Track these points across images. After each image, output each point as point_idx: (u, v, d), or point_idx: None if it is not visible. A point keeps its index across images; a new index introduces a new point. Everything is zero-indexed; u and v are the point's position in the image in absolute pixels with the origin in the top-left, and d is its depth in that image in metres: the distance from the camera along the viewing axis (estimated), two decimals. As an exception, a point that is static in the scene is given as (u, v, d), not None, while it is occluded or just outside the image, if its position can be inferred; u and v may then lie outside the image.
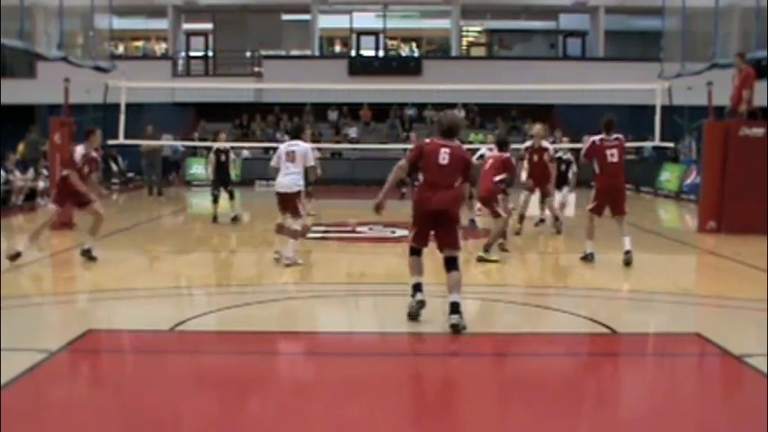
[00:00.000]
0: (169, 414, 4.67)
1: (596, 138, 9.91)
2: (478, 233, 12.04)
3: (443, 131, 6.93)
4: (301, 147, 9.79)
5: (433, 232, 6.79)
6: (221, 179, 14.37)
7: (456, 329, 6.34)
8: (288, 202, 9.73)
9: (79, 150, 10.10)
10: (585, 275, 9.35)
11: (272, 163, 9.93)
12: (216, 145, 14.66)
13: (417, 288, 6.84)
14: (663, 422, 4.58)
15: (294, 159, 9.67)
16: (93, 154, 10.25)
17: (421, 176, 6.90)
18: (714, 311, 7.64)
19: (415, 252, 6.92)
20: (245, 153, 26.10)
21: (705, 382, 5.62)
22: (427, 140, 7.00)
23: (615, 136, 9.88)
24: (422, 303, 6.75)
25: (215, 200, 14.27)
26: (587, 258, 9.87)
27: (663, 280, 8.99)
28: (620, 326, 6.69)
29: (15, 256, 9.36)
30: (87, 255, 9.83)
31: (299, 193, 9.73)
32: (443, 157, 6.70)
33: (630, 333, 6.66)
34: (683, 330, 6.79)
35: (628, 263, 9.56)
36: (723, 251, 11.15)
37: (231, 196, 14.28)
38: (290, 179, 9.66)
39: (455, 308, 6.42)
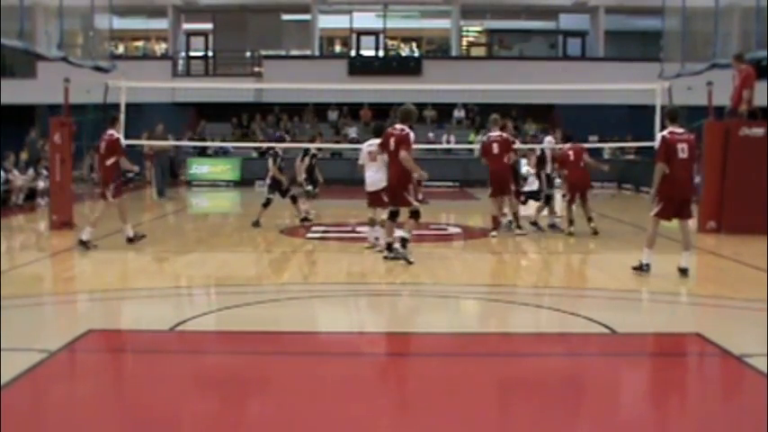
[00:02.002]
0: (169, 414, 4.67)
1: (665, 132, 8.91)
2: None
3: (400, 119, 9.79)
4: (361, 155, 10.56)
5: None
6: (312, 180, 14.49)
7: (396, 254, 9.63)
8: (375, 199, 10.53)
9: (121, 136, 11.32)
10: (585, 275, 9.35)
11: (360, 161, 10.75)
12: (313, 146, 14.98)
13: (389, 247, 9.82)
14: (663, 422, 4.58)
15: (375, 159, 10.42)
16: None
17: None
18: (714, 311, 7.64)
19: (391, 215, 9.87)
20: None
21: (705, 382, 5.62)
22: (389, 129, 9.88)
23: (682, 129, 8.98)
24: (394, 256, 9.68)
25: (294, 200, 14.01)
26: (643, 269, 8.91)
27: (663, 280, 8.98)
28: (620, 326, 6.69)
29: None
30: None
31: (384, 189, 10.25)
32: (391, 144, 9.62)
33: (630, 333, 6.66)
34: (683, 330, 6.79)
35: (684, 274, 8.84)
36: (723, 251, 11.15)
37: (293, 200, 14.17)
38: (375, 178, 10.42)
39: (404, 242, 9.70)
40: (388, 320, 7.33)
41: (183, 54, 32.55)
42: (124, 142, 13.86)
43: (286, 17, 33.03)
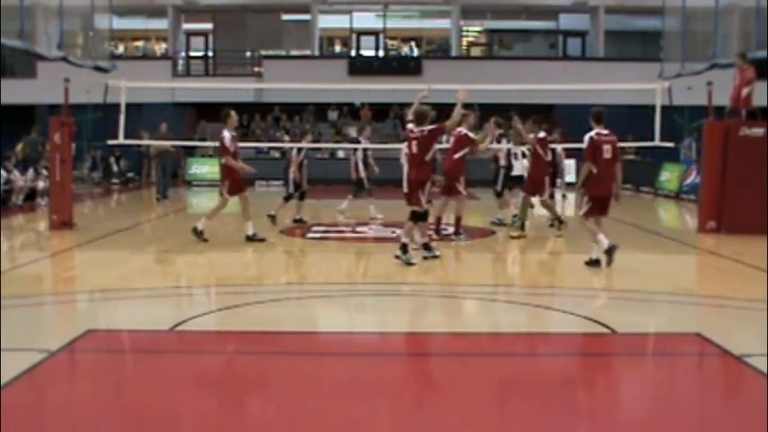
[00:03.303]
0: (169, 414, 4.67)
1: (592, 133, 9.43)
2: None
3: (416, 120, 9.91)
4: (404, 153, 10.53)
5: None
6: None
7: (398, 257, 9.51)
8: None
9: (227, 135, 11.50)
10: (585, 275, 9.34)
11: (401, 160, 10.96)
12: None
13: (426, 246, 9.96)
14: (663, 422, 4.58)
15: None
16: (234, 134, 11.80)
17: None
18: (714, 311, 7.64)
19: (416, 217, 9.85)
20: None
21: (705, 382, 5.62)
22: (409, 126, 10.05)
23: (607, 131, 9.48)
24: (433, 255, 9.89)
25: (302, 197, 14.22)
26: (598, 264, 9.35)
27: (663, 280, 8.99)
28: (620, 326, 6.69)
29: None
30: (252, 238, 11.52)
31: None
32: (413, 148, 9.81)
33: (630, 333, 6.66)
34: (683, 330, 6.79)
35: (593, 267, 9.33)
36: (723, 251, 11.14)
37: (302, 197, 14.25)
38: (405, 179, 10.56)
39: (404, 247, 9.60)
40: (387, 320, 7.33)
41: (183, 54, 32.55)
42: (125, 141, 13.91)
43: (286, 17, 33.02)
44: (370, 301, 8.21)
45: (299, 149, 14.18)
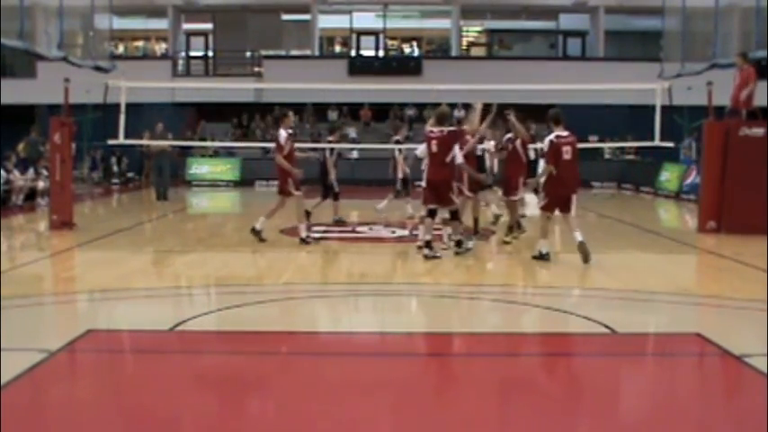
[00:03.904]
0: (169, 414, 4.67)
1: (552, 137, 9.79)
2: None
3: (436, 120, 10.13)
4: (421, 148, 10.62)
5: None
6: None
7: (457, 254, 10.25)
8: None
9: (283, 134, 11.40)
10: (585, 275, 9.34)
11: (419, 154, 10.88)
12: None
13: (428, 245, 9.96)
14: (663, 422, 4.58)
15: None
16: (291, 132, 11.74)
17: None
18: (714, 311, 7.64)
19: (430, 214, 10.04)
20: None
21: (705, 382, 5.62)
22: (428, 128, 10.27)
23: (567, 132, 9.82)
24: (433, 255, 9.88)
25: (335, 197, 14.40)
26: (543, 258, 9.83)
27: (663, 280, 8.98)
28: (620, 326, 6.69)
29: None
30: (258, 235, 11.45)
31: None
32: (433, 147, 9.96)
33: (630, 333, 6.65)
34: (683, 330, 6.79)
35: (585, 256, 9.52)
36: (723, 251, 11.14)
37: (336, 197, 14.42)
38: None
39: (459, 243, 10.35)
40: (387, 320, 7.33)
41: (183, 54, 32.57)
42: (125, 141, 13.91)
43: (286, 17, 33.05)
44: (371, 300, 8.21)
45: (332, 149, 14.35)
